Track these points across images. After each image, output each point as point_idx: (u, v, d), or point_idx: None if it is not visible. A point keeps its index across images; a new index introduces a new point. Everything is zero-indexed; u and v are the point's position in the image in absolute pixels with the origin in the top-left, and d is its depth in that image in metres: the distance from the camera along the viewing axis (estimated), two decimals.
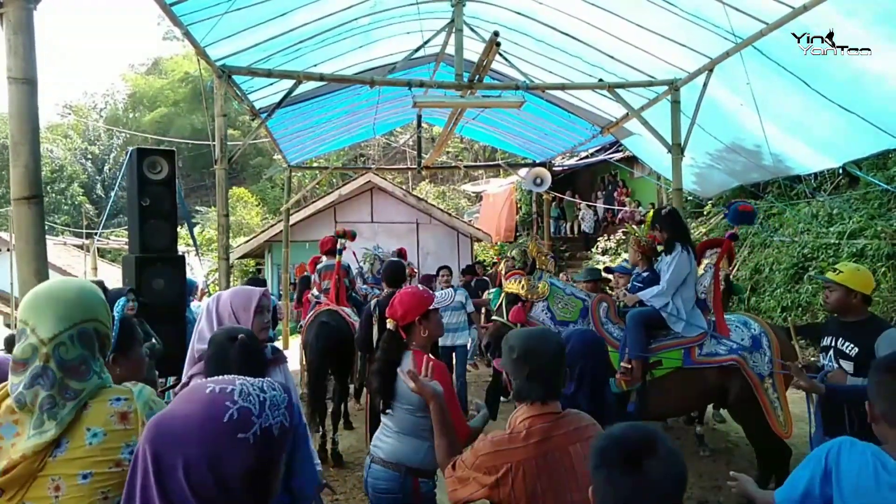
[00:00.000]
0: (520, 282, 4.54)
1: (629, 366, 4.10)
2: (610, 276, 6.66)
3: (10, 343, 4.74)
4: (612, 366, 2.68)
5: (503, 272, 4.99)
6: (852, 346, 3.08)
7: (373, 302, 4.90)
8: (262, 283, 7.93)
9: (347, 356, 5.68)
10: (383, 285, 5.12)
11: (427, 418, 2.33)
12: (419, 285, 2.91)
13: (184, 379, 2.41)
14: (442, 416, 2.14)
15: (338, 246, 6.46)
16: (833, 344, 3.20)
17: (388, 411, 2.64)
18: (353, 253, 9.18)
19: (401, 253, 8.53)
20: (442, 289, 6.44)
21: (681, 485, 1.17)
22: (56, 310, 1.44)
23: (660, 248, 4.63)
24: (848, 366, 3.10)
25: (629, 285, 5.00)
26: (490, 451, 1.81)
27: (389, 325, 2.68)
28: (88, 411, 1.43)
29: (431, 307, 2.63)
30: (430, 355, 2.66)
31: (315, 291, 6.77)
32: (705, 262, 4.52)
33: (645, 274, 4.85)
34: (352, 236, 6.73)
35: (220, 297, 2.52)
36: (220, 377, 1.10)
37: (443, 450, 2.08)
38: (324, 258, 6.81)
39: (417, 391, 2.21)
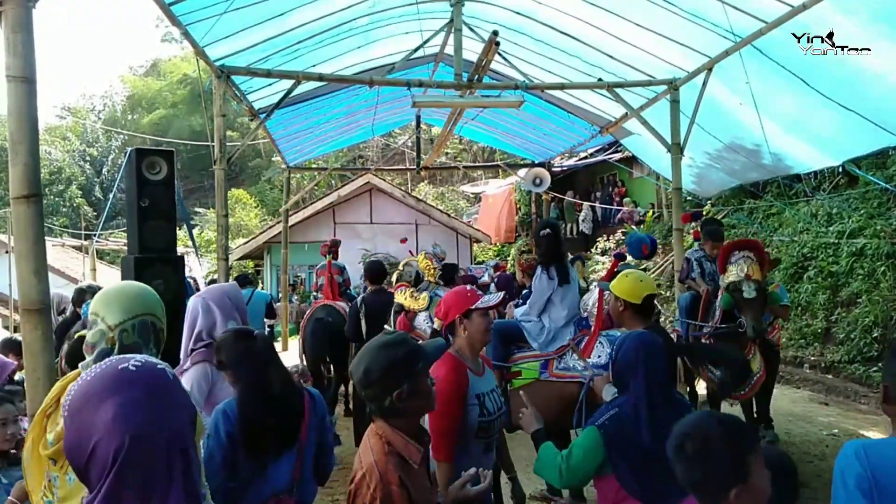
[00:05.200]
0: (404, 293, 4.94)
1: None
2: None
3: (7, 345, 4.71)
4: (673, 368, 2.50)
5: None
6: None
7: (359, 298, 5.50)
8: (249, 280, 8.03)
9: (342, 347, 6.15)
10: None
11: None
12: (467, 286, 2.80)
13: (187, 365, 2.57)
14: None
15: (328, 249, 7.21)
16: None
17: None
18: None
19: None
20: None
21: (706, 459, 1.46)
22: (121, 303, 1.74)
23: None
24: None
25: (517, 300, 5.24)
26: None
27: (436, 324, 2.61)
28: None
29: (475, 307, 2.43)
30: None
31: (312, 290, 7.26)
32: (733, 268, 4.11)
33: (525, 290, 5.15)
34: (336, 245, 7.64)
35: (211, 293, 2.69)
36: None
37: None
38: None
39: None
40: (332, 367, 6.36)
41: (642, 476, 2.19)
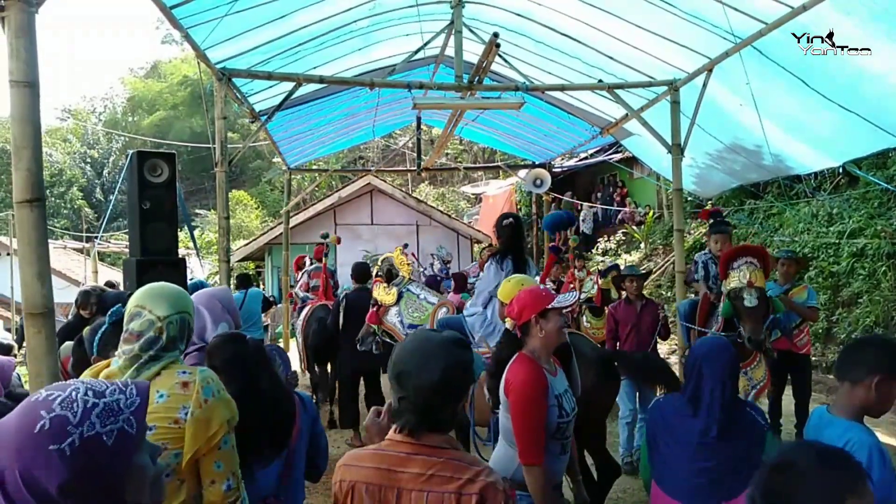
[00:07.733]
0: (379, 288, 5.27)
1: None
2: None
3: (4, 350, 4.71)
4: (736, 376, 2.40)
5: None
6: None
7: (341, 294, 5.93)
8: (249, 279, 8.09)
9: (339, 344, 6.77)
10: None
11: None
12: (540, 285, 2.79)
13: None
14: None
15: (324, 250, 7.74)
16: None
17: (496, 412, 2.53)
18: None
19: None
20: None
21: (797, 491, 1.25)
22: (168, 298, 1.91)
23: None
24: None
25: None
26: (342, 464, 1.62)
27: (507, 324, 2.56)
28: (159, 378, 1.82)
29: (551, 306, 2.37)
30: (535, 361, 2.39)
31: (298, 291, 8.10)
32: (734, 274, 3.91)
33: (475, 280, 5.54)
34: (337, 240, 8.26)
35: (200, 297, 2.66)
36: (61, 383, 1.03)
37: None
38: (308, 261, 8.28)
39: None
40: (328, 364, 6.90)
41: (662, 455, 2.33)
